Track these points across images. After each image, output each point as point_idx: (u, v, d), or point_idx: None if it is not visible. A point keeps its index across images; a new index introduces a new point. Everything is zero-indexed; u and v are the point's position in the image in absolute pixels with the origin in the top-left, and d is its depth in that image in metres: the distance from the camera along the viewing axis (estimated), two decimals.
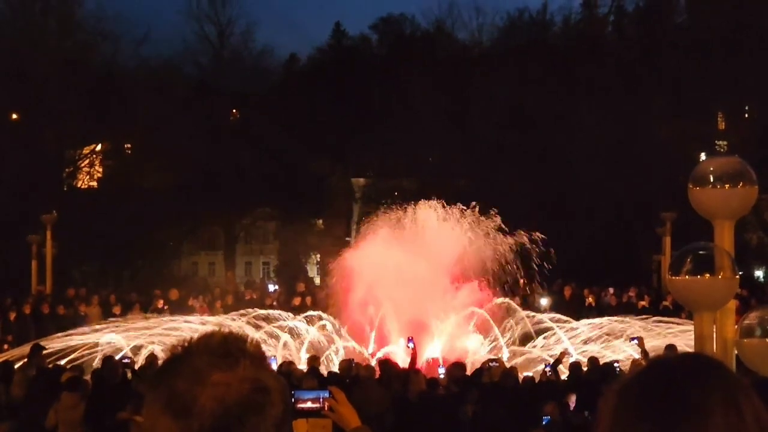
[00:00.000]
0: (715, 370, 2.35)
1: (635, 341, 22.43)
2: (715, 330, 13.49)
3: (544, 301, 35.09)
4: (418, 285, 27.51)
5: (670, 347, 22.47)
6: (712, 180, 13.62)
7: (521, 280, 37.76)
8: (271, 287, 43.19)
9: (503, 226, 29.80)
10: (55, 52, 51.91)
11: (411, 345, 22.25)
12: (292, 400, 6.01)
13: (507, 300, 29.12)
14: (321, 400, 5.85)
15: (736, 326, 13.70)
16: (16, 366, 21.98)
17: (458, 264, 28.69)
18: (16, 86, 49.18)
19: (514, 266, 30.15)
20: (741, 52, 52.30)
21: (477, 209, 29.82)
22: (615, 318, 28.50)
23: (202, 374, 2.43)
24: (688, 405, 2.26)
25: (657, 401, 2.28)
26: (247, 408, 2.41)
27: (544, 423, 15.28)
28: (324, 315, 28.29)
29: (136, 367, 20.83)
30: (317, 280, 53.91)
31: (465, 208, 29.84)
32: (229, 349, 2.48)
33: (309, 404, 5.96)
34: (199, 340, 2.52)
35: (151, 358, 21.67)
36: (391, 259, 27.39)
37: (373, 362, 23.16)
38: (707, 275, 13.05)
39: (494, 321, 28.60)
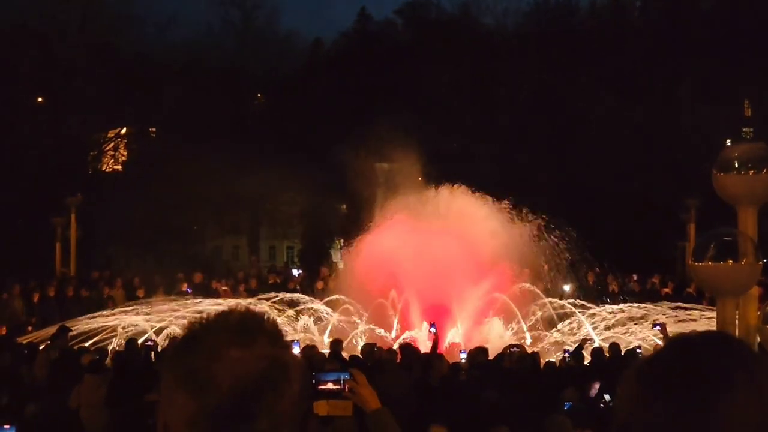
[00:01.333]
0: (736, 349, 2.34)
1: (658, 327, 22.36)
2: (737, 316, 13.47)
3: (567, 288, 35.05)
4: (441, 269, 27.51)
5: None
6: (736, 166, 13.58)
7: (545, 266, 37.78)
8: (295, 272, 43.23)
9: (528, 214, 29.82)
10: (81, 36, 52.03)
11: (433, 330, 22.26)
12: (314, 381, 6.02)
13: (528, 285, 29.11)
14: (342, 381, 5.87)
15: (758, 312, 13.68)
16: (40, 348, 22.13)
17: (482, 249, 28.70)
18: (42, 70, 49.34)
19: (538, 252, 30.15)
20: (766, 37, 51.99)
21: (509, 201, 29.85)
22: (634, 305, 28.49)
23: (220, 351, 2.44)
24: (710, 383, 2.25)
25: (678, 379, 2.27)
26: (263, 385, 2.42)
27: (565, 408, 15.26)
28: (345, 299, 28.33)
29: (159, 349, 20.93)
30: (341, 265, 54.00)
31: (493, 198, 29.88)
32: (246, 327, 2.50)
33: (330, 385, 5.98)
34: (217, 318, 2.54)
35: (174, 339, 21.73)
36: (413, 243, 27.42)
37: (396, 347, 23.19)
38: (730, 261, 13.02)
39: (517, 306, 28.63)
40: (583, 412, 14.67)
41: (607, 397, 16.31)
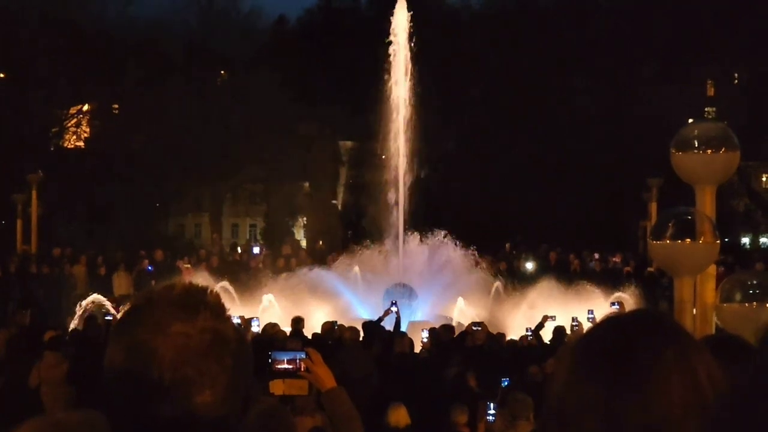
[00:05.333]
0: (666, 327, 2.32)
1: (616, 306, 22.52)
2: (695, 294, 13.58)
3: (530, 266, 35.24)
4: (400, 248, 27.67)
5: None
6: (695, 145, 13.65)
7: (506, 245, 37.94)
8: (256, 250, 43.17)
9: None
10: (43, 11, 51.58)
11: (395, 308, 22.28)
12: (269, 360, 6.04)
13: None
14: (297, 361, 5.87)
15: (716, 291, 13.78)
16: None
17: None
18: (3, 46, 48.93)
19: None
20: (730, 19, 52.27)
21: None
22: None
23: (162, 324, 2.45)
24: (640, 363, 2.23)
25: (609, 359, 2.24)
26: (206, 358, 2.43)
27: (503, 385, 15.37)
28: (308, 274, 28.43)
29: None
30: (303, 243, 53.98)
31: None
32: (189, 301, 2.50)
33: (285, 365, 5.99)
34: (161, 292, 2.54)
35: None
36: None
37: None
38: (688, 240, 13.11)
39: (480, 285, 28.79)
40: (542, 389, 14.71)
41: None
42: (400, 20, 31.85)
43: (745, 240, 56.44)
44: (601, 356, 2.27)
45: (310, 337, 20.13)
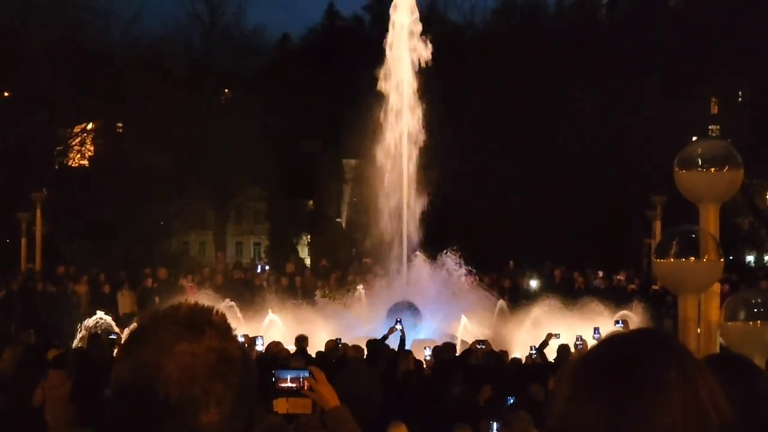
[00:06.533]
0: (669, 347, 2.33)
1: (621, 324, 22.51)
2: (699, 313, 13.56)
3: (534, 283, 35.18)
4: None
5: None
6: (698, 163, 13.66)
7: (510, 262, 37.91)
8: (259, 268, 43.14)
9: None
10: (47, 30, 51.70)
11: (399, 326, 22.26)
12: (273, 379, 6.06)
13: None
14: (301, 379, 5.90)
15: (720, 309, 13.76)
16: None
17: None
18: (8, 65, 49.03)
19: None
20: (734, 36, 52.31)
21: None
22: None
23: (168, 344, 2.47)
24: (642, 382, 2.23)
25: (611, 379, 2.25)
26: (212, 377, 2.45)
27: (508, 404, 15.34)
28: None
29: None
30: (308, 261, 53.95)
31: None
32: (195, 320, 2.52)
33: (289, 383, 6.00)
34: (166, 311, 2.57)
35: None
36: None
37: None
38: (692, 258, 13.10)
39: (486, 302, 28.81)
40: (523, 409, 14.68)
41: None
42: (402, 35, 31.93)
43: (750, 258, 56.36)
44: (603, 374, 2.27)
45: (314, 355, 20.11)
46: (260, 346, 20.90)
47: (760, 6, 52.76)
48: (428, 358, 20.14)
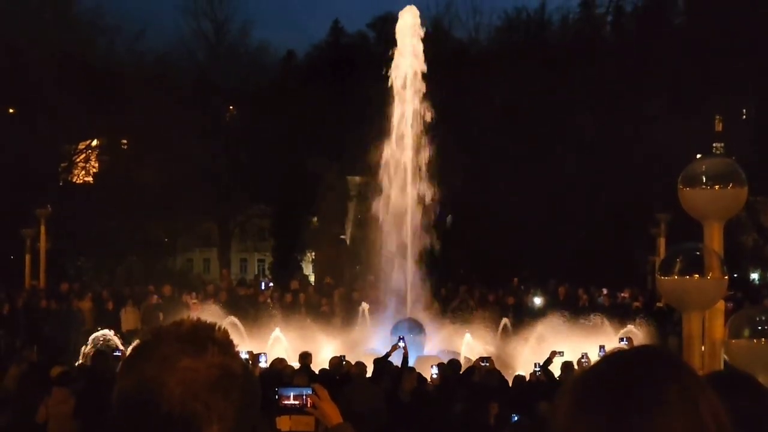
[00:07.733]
0: (671, 364, 2.32)
1: (625, 342, 22.47)
2: (704, 330, 13.54)
3: (538, 301, 35.16)
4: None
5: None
6: (702, 181, 13.65)
7: (515, 279, 37.89)
8: (263, 285, 43.11)
9: None
10: (52, 46, 51.80)
11: (402, 343, 22.24)
12: (276, 396, 6.05)
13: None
14: (304, 396, 5.89)
15: (725, 327, 13.73)
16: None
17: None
18: (13, 81, 49.10)
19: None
20: (739, 54, 52.32)
21: None
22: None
23: (171, 360, 2.48)
24: (642, 399, 2.23)
25: (612, 395, 2.25)
26: (214, 393, 2.46)
27: (513, 421, 15.30)
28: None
29: None
30: (312, 278, 53.93)
31: None
32: (197, 336, 2.54)
33: (292, 401, 6.00)
34: (169, 327, 2.58)
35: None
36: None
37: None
38: (696, 276, 13.09)
39: (490, 319, 28.78)
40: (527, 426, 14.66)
41: None
42: (407, 54, 32.01)
43: (754, 275, 56.26)
44: (603, 390, 2.27)
45: (317, 372, 20.11)
46: (264, 363, 20.88)
47: (765, 24, 52.78)
48: (435, 376, 20.09)
